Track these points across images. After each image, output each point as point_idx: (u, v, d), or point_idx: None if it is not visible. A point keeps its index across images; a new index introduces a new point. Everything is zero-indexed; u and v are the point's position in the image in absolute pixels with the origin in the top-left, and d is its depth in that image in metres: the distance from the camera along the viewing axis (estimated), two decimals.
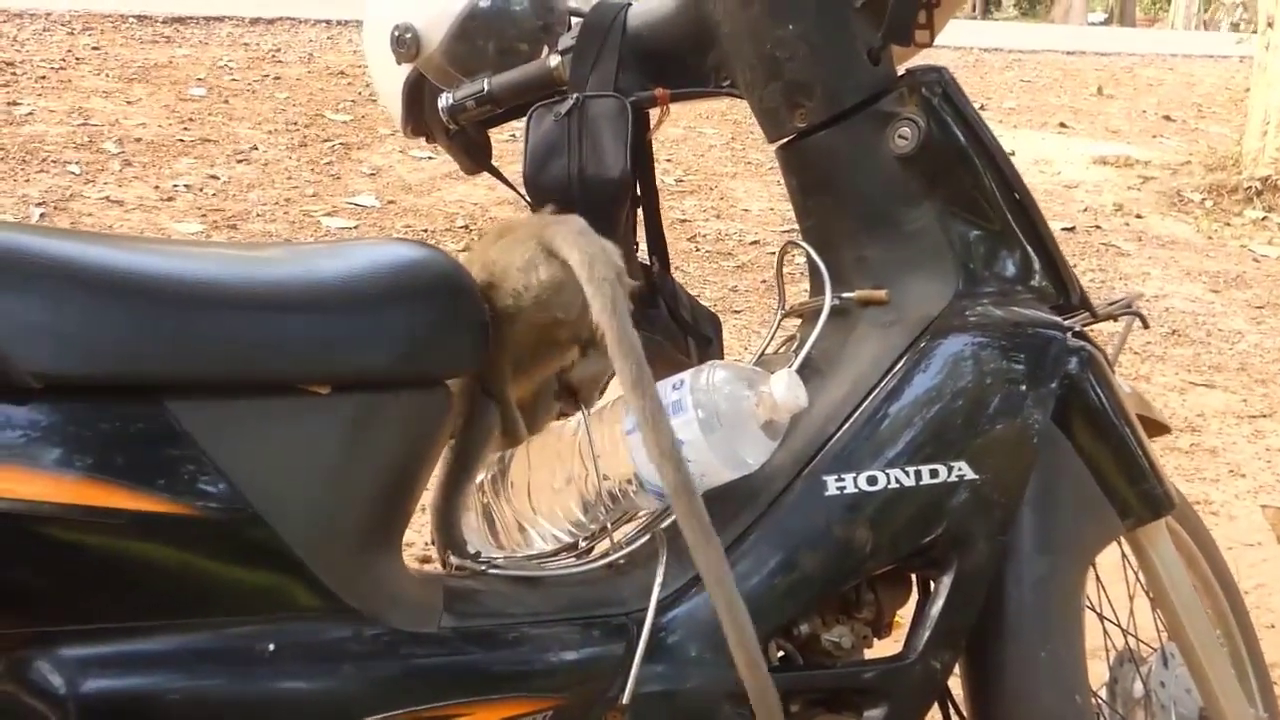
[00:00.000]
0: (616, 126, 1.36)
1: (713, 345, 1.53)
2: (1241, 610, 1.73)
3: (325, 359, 1.04)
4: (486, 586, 1.20)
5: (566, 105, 1.36)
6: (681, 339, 1.48)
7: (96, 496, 0.94)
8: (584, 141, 1.35)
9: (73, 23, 6.79)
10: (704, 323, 1.52)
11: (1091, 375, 1.31)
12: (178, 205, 4.58)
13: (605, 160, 1.35)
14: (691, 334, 1.49)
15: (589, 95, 1.36)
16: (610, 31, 1.39)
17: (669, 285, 1.49)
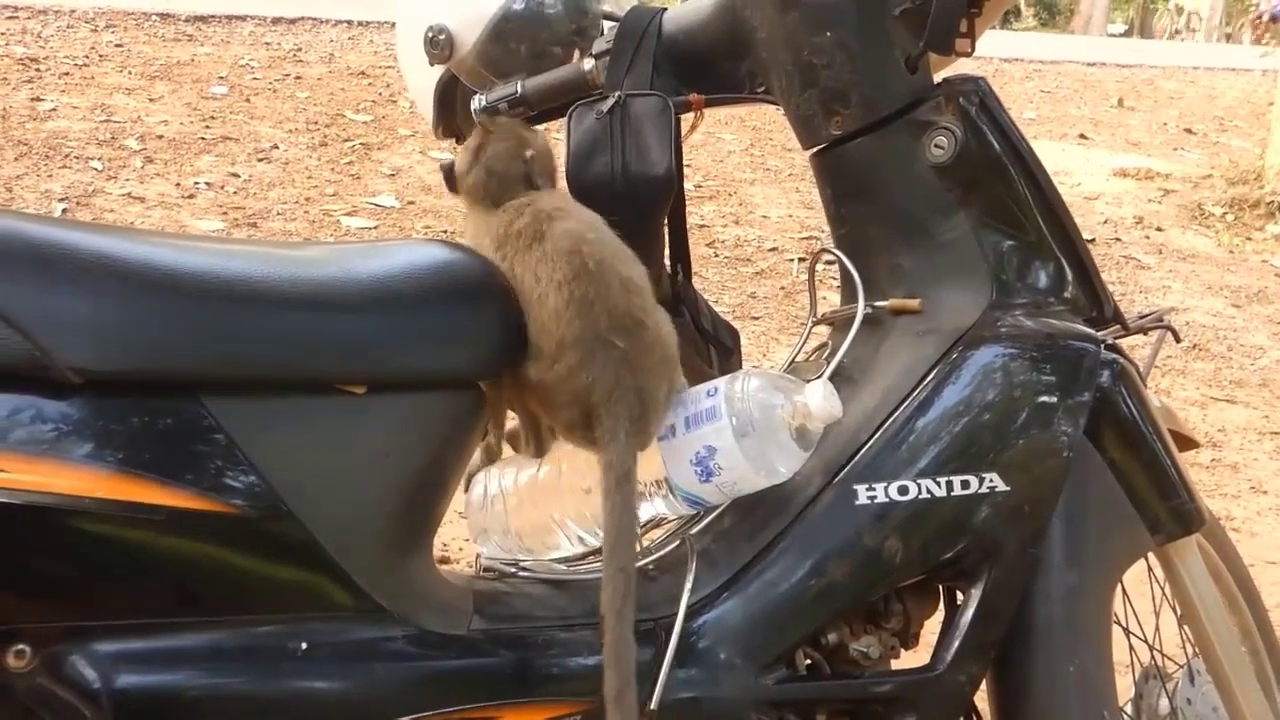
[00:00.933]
0: (660, 124, 1.36)
1: (733, 356, 1.53)
2: (1267, 627, 1.72)
3: (361, 359, 1.04)
4: (516, 589, 1.20)
5: (609, 103, 1.35)
6: (704, 348, 1.48)
7: (133, 491, 0.94)
8: (627, 139, 1.35)
9: (96, 20, 6.82)
10: (724, 333, 1.52)
11: (1124, 388, 1.30)
12: (198, 203, 4.59)
13: (650, 158, 1.34)
14: (713, 344, 1.49)
15: (631, 94, 1.35)
16: (645, 35, 1.39)
17: (691, 294, 1.49)
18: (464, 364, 1.10)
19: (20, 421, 0.92)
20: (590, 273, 1.11)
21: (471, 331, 1.11)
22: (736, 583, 1.19)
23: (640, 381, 1.11)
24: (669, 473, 1.17)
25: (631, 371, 1.10)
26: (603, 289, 1.11)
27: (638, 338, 1.12)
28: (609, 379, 1.10)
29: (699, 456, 1.15)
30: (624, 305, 1.12)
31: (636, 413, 1.10)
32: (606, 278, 1.12)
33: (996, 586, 1.23)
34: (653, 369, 1.13)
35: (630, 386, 1.10)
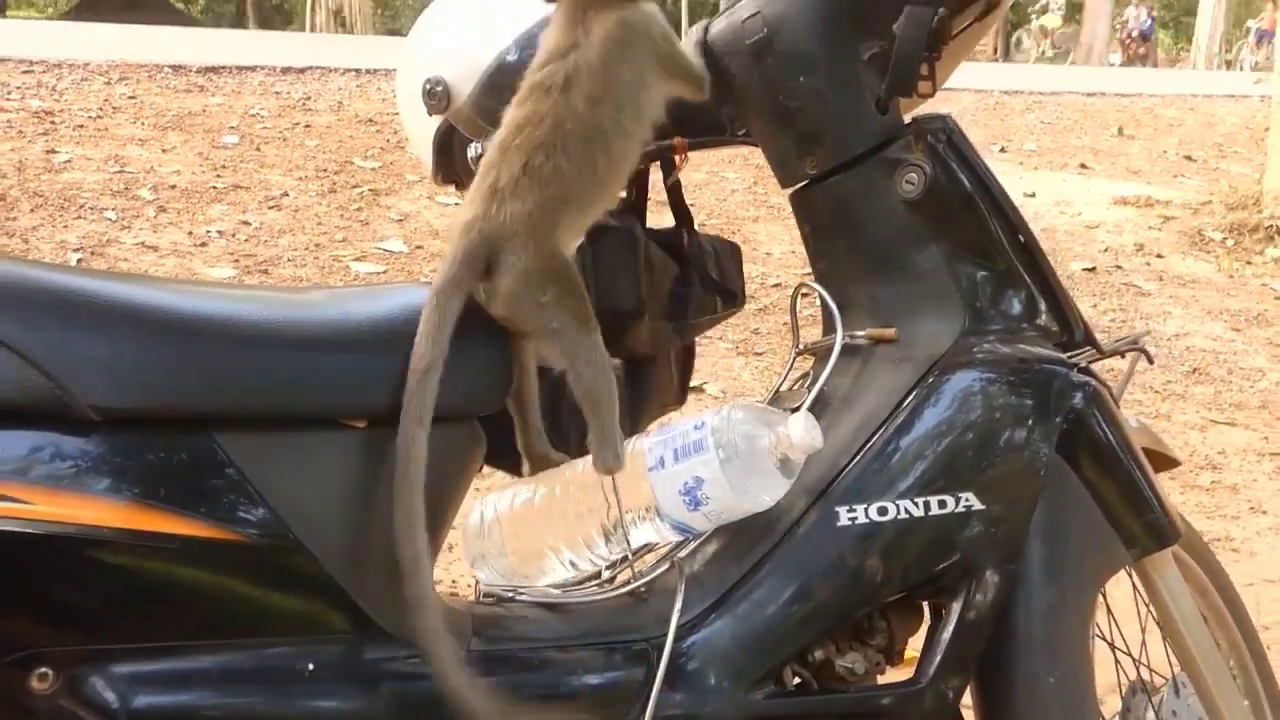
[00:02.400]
0: (627, 257, 1.45)
1: (736, 299, 1.65)
2: (1255, 641, 1.76)
3: (361, 395, 1.10)
4: (513, 613, 1.26)
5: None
6: (711, 297, 1.59)
7: (148, 522, 1.01)
8: (597, 274, 1.43)
9: (110, 73, 6.95)
10: (727, 265, 1.63)
11: (1096, 409, 1.35)
12: (210, 250, 4.68)
13: (619, 287, 1.44)
14: (720, 292, 1.60)
15: (599, 226, 1.38)
16: None
17: (696, 246, 1.57)
18: (459, 399, 1.16)
19: (43, 457, 0.99)
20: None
21: (465, 368, 1.17)
22: (725, 604, 1.25)
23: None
24: (658, 501, 1.23)
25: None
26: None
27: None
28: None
29: (687, 486, 1.21)
30: None
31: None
32: None
33: (976, 602, 1.28)
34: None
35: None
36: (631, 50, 1.22)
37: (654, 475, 1.23)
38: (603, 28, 1.21)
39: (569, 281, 1.20)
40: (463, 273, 1.17)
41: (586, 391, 1.21)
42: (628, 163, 1.25)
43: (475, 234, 1.18)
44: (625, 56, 1.21)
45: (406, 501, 1.08)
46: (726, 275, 1.61)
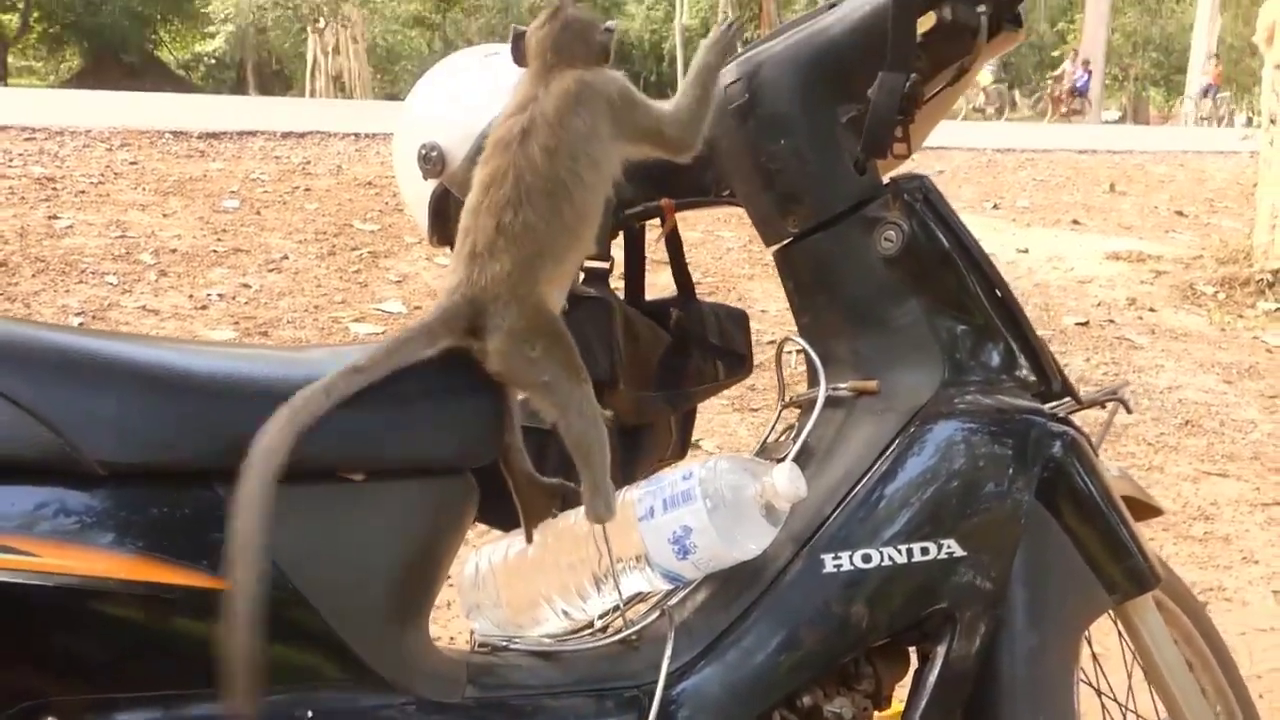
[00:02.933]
0: (601, 328, 1.50)
1: (743, 364, 1.69)
2: (1241, 687, 1.78)
3: (360, 449, 1.14)
4: (507, 661, 1.29)
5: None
6: (711, 363, 1.62)
7: (153, 573, 1.04)
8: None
9: (111, 139, 7.06)
10: (733, 331, 1.68)
11: (1075, 458, 1.39)
12: (211, 313, 4.74)
13: (593, 358, 1.46)
14: (721, 358, 1.64)
15: (575, 295, 1.42)
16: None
17: (695, 310, 1.61)
18: (454, 453, 1.20)
19: (50, 511, 1.02)
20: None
21: (460, 422, 1.21)
22: (714, 650, 1.28)
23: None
24: (648, 550, 1.26)
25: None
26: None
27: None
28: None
29: (676, 535, 1.25)
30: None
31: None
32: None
33: (961, 647, 1.31)
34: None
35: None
36: (585, 104, 1.25)
37: (644, 525, 1.27)
38: (561, 84, 1.25)
39: (555, 335, 1.23)
40: (438, 327, 1.21)
41: (577, 442, 1.24)
42: (594, 212, 1.27)
43: (458, 296, 1.22)
44: (579, 108, 1.24)
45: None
46: (731, 341, 1.65)
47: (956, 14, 1.32)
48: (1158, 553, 1.50)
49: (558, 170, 1.22)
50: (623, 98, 1.26)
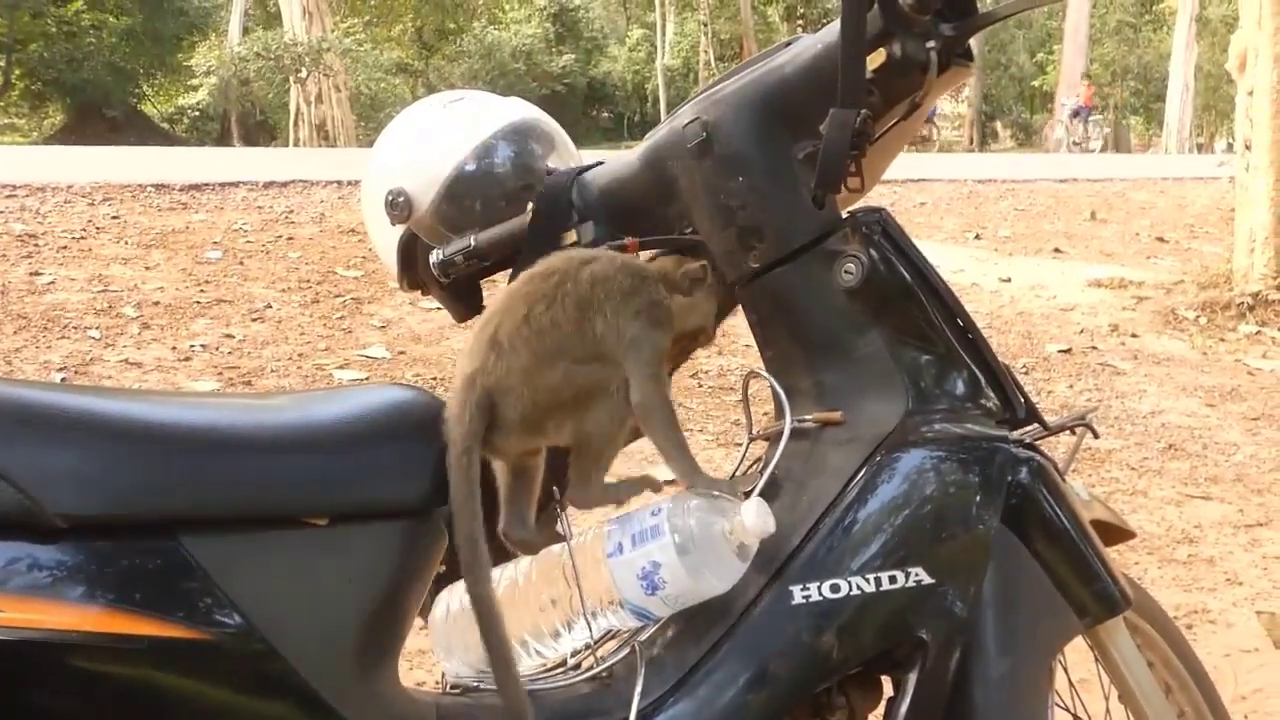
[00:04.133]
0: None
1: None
2: (1220, 709, 1.79)
3: (323, 494, 1.15)
4: (479, 701, 1.29)
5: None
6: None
7: (118, 625, 1.04)
8: None
9: (93, 194, 7.08)
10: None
11: (1041, 483, 1.40)
12: (194, 365, 4.74)
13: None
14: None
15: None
16: (558, 202, 1.54)
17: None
18: (418, 494, 1.21)
19: (14, 565, 1.02)
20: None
21: (424, 464, 1.21)
22: (685, 685, 1.28)
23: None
24: (617, 586, 1.27)
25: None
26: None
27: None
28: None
29: (644, 571, 1.25)
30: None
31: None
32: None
33: (933, 674, 1.32)
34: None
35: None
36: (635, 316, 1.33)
37: (613, 561, 1.27)
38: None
39: (574, 399, 1.29)
40: (478, 425, 1.25)
41: (585, 437, 1.31)
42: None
43: (480, 390, 1.27)
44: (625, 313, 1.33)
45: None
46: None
47: (906, 50, 1.34)
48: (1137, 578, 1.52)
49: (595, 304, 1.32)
50: (652, 341, 1.34)
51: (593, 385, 1.29)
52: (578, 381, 1.29)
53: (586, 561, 1.29)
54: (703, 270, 1.38)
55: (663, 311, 1.36)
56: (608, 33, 38.65)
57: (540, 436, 1.30)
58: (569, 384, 1.28)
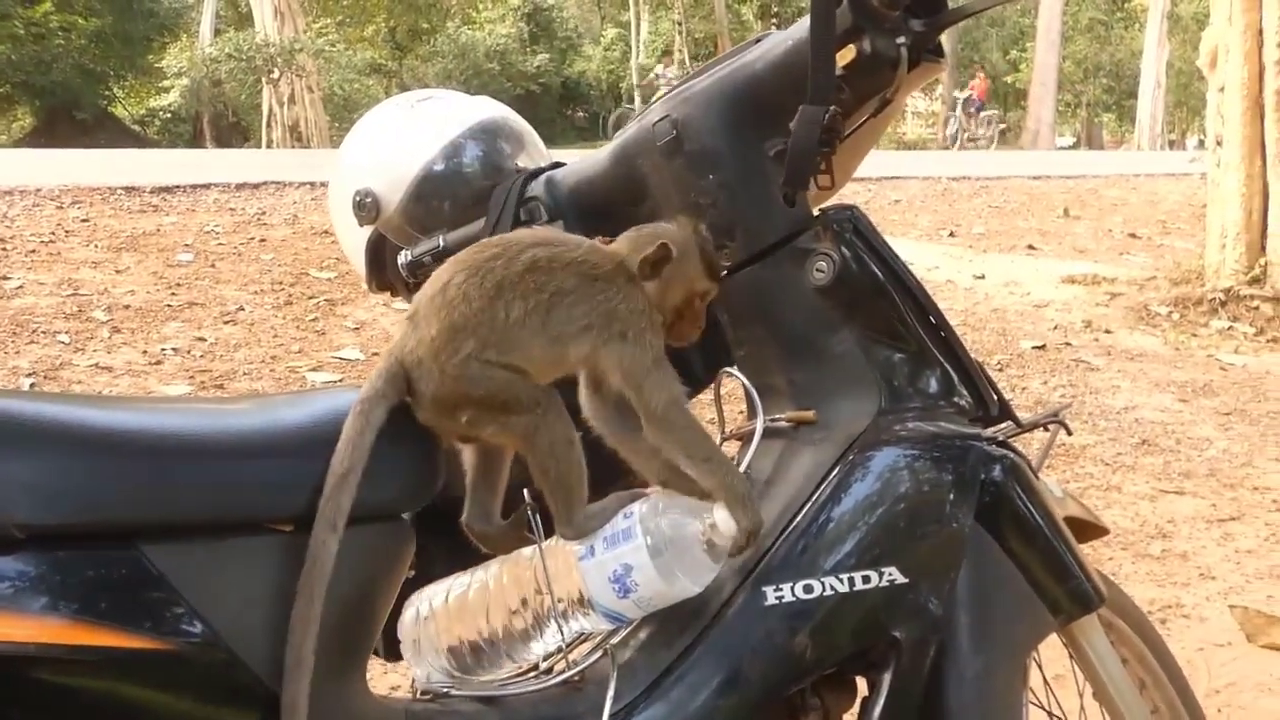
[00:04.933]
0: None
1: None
2: (1193, 704, 1.79)
3: (286, 499, 1.13)
4: (448, 708, 1.27)
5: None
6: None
7: (79, 636, 1.02)
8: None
9: (62, 197, 7.01)
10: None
11: (1015, 481, 1.39)
12: (165, 368, 4.70)
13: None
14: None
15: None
16: (507, 203, 1.53)
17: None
18: (386, 498, 1.19)
19: None
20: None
21: (391, 467, 1.20)
22: (658, 688, 1.27)
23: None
24: (588, 590, 1.26)
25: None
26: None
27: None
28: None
29: (616, 574, 1.24)
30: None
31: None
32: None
33: (907, 674, 1.31)
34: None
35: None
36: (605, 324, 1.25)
37: (584, 564, 1.26)
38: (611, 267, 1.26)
39: (485, 400, 1.22)
40: (386, 388, 1.21)
41: (538, 472, 1.25)
42: (534, 344, 1.24)
43: (393, 359, 1.23)
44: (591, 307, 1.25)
45: (306, 603, 1.10)
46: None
47: (876, 47, 1.33)
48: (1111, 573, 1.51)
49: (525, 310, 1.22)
50: (635, 350, 1.25)
51: (507, 395, 1.21)
52: (490, 383, 1.21)
53: (558, 564, 1.28)
54: (661, 250, 1.26)
55: (630, 315, 1.25)
56: (582, 32, 38.61)
57: (455, 424, 1.23)
58: (479, 381, 1.20)
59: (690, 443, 1.25)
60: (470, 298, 1.21)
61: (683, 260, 1.28)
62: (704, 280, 1.31)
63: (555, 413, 1.23)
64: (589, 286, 1.24)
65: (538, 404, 1.22)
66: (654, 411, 1.24)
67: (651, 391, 1.23)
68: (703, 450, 1.25)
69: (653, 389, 1.24)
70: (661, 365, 1.25)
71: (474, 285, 1.21)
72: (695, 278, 1.30)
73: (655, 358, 1.25)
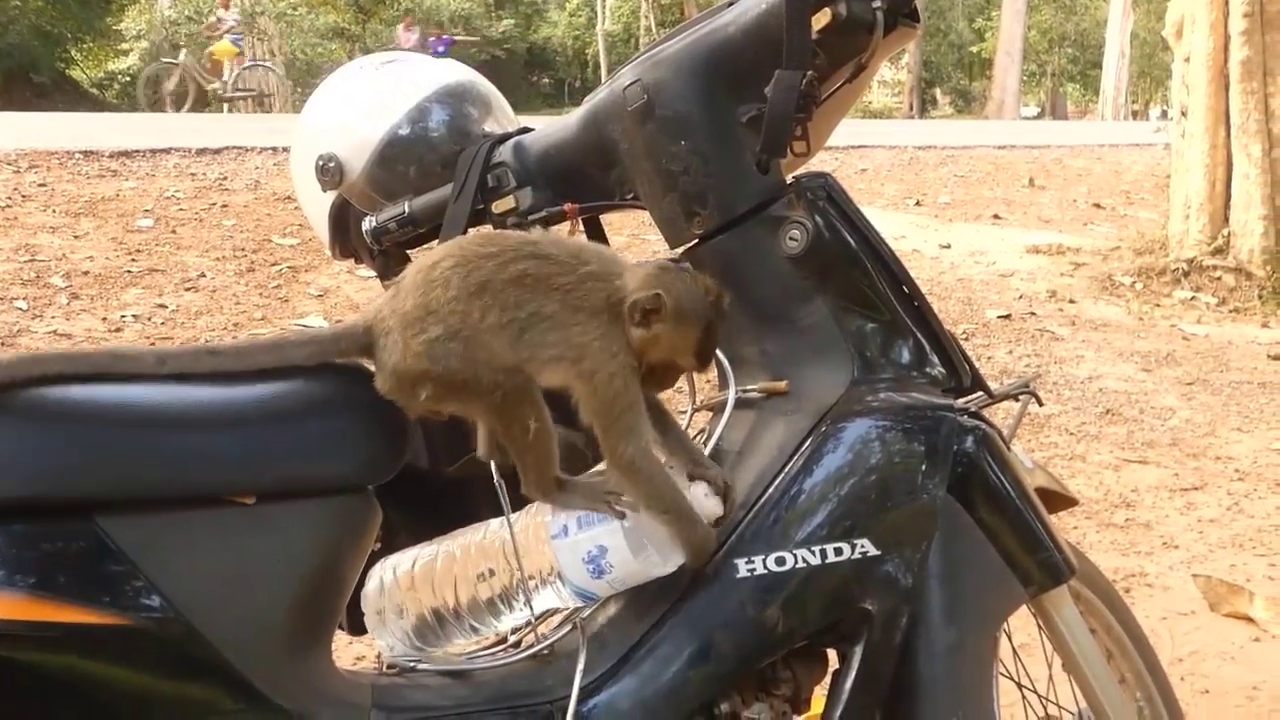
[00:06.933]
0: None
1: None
2: (1160, 673, 1.80)
3: (249, 471, 1.10)
4: (415, 682, 1.25)
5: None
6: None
7: (34, 612, 1.00)
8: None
9: (18, 161, 6.88)
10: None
11: (987, 452, 1.39)
12: (126, 335, 4.63)
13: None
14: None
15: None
16: (473, 168, 1.50)
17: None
18: (350, 470, 1.17)
19: None
20: None
21: (355, 439, 1.18)
22: (628, 662, 1.25)
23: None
24: (562, 569, 1.24)
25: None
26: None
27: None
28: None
29: (590, 555, 1.23)
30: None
31: None
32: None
33: (879, 646, 1.30)
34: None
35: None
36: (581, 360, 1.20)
37: (557, 543, 1.24)
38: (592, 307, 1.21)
39: (444, 378, 1.18)
40: (328, 344, 1.21)
41: (509, 444, 1.23)
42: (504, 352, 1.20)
43: (363, 321, 1.20)
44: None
45: None
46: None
47: (852, 10, 1.31)
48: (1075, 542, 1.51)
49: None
50: (611, 389, 1.20)
51: (467, 375, 1.18)
52: (450, 363, 1.17)
53: (529, 540, 1.26)
54: (654, 301, 1.19)
55: (602, 355, 1.20)
56: None
57: (415, 399, 1.19)
58: (439, 360, 1.17)
59: (651, 495, 1.22)
60: (451, 286, 1.18)
61: (678, 323, 1.22)
62: (690, 357, 1.26)
63: (517, 396, 1.20)
64: (569, 315, 1.20)
65: (498, 387, 1.19)
66: (618, 457, 1.20)
67: (618, 438, 1.20)
68: (663, 503, 1.22)
69: (619, 436, 1.20)
70: (632, 410, 1.21)
71: (459, 275, 1.18)
72: (683, 349, 1.25)
73: (628, 403, 1.20)
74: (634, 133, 1.40)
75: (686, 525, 1.22)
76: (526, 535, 1.26)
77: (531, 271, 1.19)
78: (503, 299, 1.18)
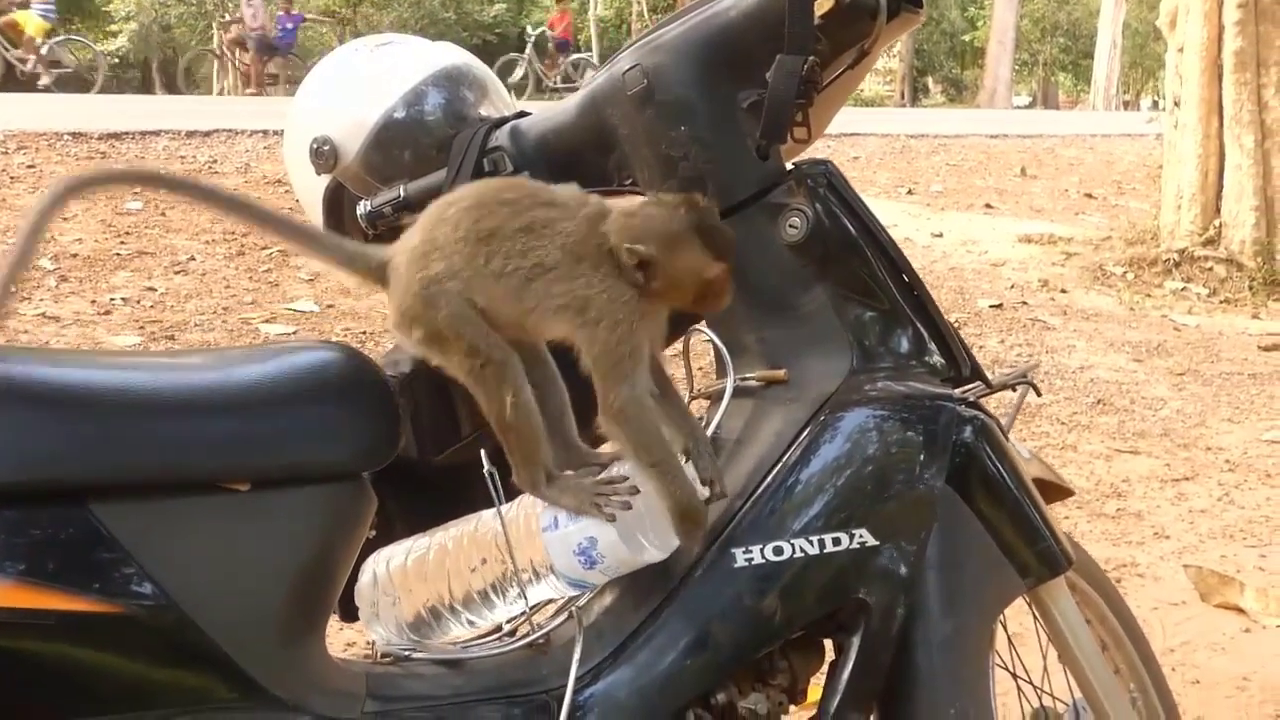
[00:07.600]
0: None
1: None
2: (1154, 664, 1.80)
3: (243, 457, 1.09)
4: (409, 672, 1.24)
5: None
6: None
7: (26, 599, 0.98)
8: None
9: (7, 143, 6.83)
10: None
11: (985, 442, 1.38)
12: (115, 319, 4.60)
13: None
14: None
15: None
16: (469, 152, 1.48)
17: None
18: (344, 457, 1.16)
19: None
20: None
21: (350, 425, 1.16)
22: (624, 651, 1.25)
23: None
24: (553, 561, 1.23)
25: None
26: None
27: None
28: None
29: (581, 547, 1.22)
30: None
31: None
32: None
33: (876, 637, 1.30)
34: None
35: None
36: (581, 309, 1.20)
37: (548, 536, 1.23)
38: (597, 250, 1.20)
39: (435, 323, 1.20)
40: (349, 251, 1.28)
41: (493, 423, 1.23)
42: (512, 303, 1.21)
43: (390, 251, 1.24)
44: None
45: None
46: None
47: None
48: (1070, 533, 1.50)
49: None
50: (607, 332, 1.19)
51: (457, 329, 1.19)
52: (445, 310, 1.18)
53: (520, 530, 1.25)
54: (641, 255, 1.18)
55: (609, 304, 1.18)
56: None
57: (409, 339, 1.22)
58: (435, 302, 1.18)
59: (641, 444, 1.20)
60: (460, 227, 1.19)
61: (677, 253, 1.20)
62: (711, 265, 1.21)
63: (495, 371, 1.20)
64: (573, 267, 1.19)
65: (478, 353, 1.19)
66: (610, 404, 1.19)
67: (614, 383, 1.19)
68: (653, 454, 1.20)
69: (615, 381, 1.19)
70: (632, 358, 1.19)
71: (471, 217, 1.20)
72: (700, 265, 1.21)
73: (626, 350, 1.19)
74: (633, 118, 1.39)
75: (674, 482, 1.21)
76: (518, 526, 1.25)
77: (539, 218, 1.20)
78: (508, 247, 1.19)
